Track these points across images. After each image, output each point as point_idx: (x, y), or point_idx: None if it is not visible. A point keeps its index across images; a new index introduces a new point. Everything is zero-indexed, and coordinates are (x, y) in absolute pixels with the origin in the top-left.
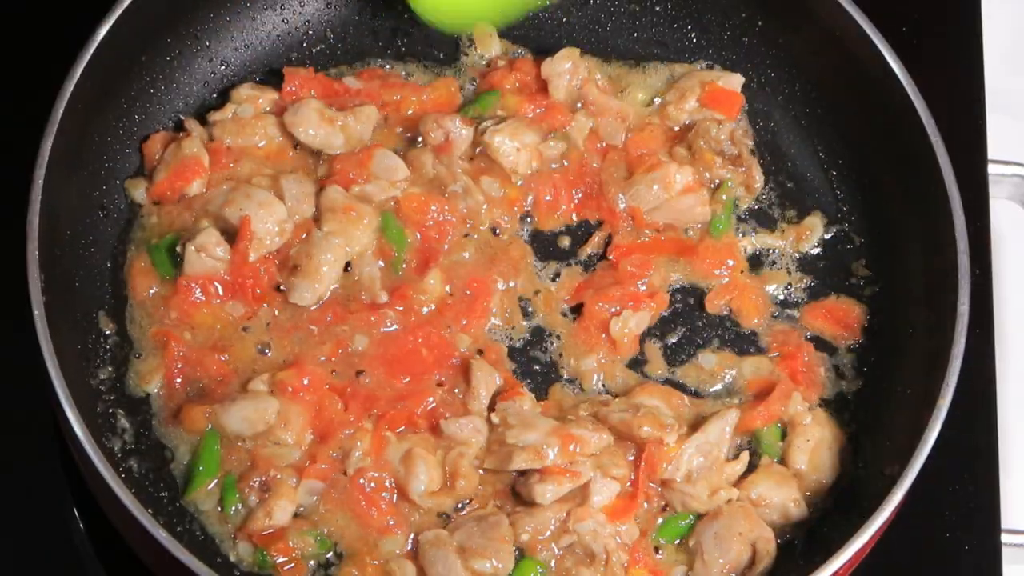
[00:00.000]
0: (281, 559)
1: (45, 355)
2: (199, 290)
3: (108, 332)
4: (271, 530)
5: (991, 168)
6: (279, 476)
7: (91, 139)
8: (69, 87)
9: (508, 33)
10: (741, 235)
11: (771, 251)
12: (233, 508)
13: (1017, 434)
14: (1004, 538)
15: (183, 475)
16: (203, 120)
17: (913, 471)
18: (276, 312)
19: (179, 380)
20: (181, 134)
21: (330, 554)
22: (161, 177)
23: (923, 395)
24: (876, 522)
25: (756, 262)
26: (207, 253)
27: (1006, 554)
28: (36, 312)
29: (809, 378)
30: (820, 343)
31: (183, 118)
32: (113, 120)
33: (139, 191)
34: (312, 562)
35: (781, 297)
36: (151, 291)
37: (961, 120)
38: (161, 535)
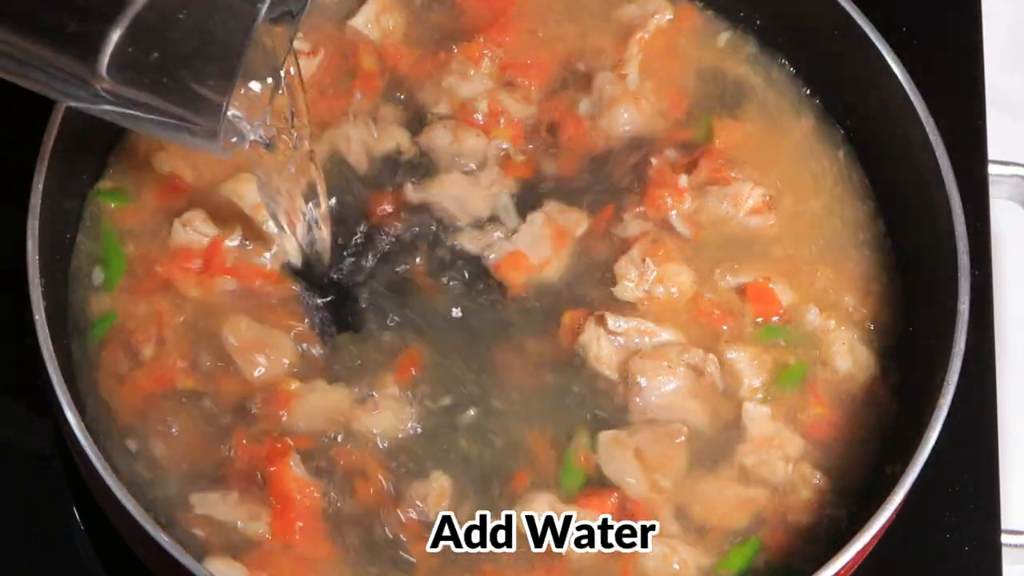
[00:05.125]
0: None
1: (45, 356)
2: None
3: None
4: None
5: (991, 168)
6: None
7: (91, 142)
8: None
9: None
10: None
11: None
12: None
13: (1017, 434)
14: (1004, 538)
15: None
16: None
17: (913, 471)
18: None
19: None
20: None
21: None
22: (149, 198)
23: (923, 395)
24: (876, 522)
25: None
26: (192, 228)
27: (1006, 554)
28: (36, 316)
29: None
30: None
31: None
32: (113, 123)
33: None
34: None
35: None
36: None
37: (961, 120)
38: (163, 539)
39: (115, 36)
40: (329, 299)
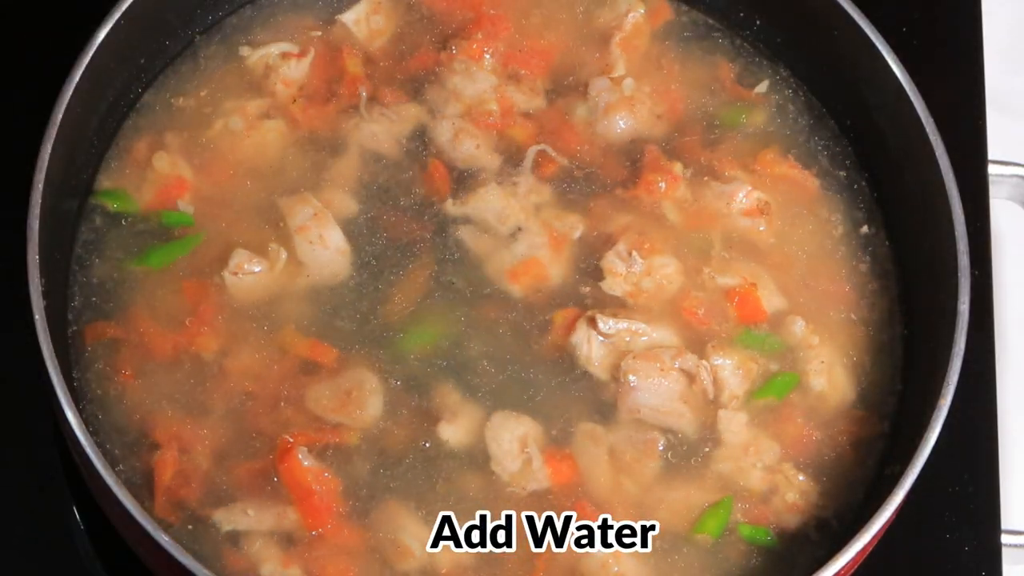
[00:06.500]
0: None
1: (45, 356)
2: None
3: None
4: None
5: (991, 168)
6: None
7: (90, 142)
8: (68, 90)
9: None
10: None
11: None
12: None
13: (1017, 434)
14: (1004, 538)
15: None
16: None
17: (913, 471)
18: None
19: None
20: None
21: None
22: (148, 197)
23: (923, 395)
24: (876, 523)
25: None
26: (242, 273)
27: (1006, 554)
28: (37, 316)
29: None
30: None
31: (165, 131)
32: (113, 123)
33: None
34: None
35: None
36: None
37: (961, 120)
38: (164, 539)
39: None
40: None
